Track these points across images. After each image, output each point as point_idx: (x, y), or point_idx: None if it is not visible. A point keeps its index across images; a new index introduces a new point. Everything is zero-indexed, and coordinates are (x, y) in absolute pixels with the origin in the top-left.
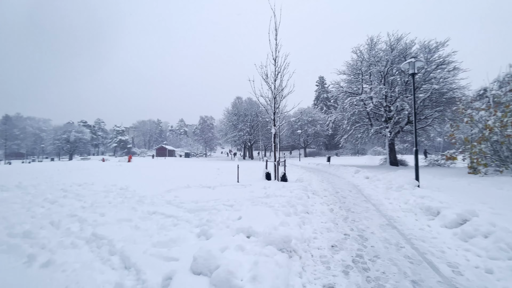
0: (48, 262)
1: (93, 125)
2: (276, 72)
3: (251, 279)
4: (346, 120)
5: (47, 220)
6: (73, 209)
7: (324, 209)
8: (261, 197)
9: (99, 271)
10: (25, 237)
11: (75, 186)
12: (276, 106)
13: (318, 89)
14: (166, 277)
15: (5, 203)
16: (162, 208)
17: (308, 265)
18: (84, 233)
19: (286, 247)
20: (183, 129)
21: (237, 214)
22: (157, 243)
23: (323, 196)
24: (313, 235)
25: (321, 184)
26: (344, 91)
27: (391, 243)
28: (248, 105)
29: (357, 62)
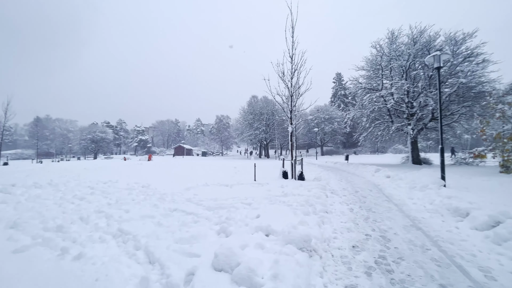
0: (80, 255)
1: (115, 125)
2: (293, 69)
3: (272, 277)
4: (365, 117)
5: (77, 215)
6: (100, 206)
7: (344, 209)
8: (279, 195)
9: (126, 265)
10: (58, 231)
11: (101, 184)
12: (292, 104)
13: (335, 86)
14: (188, 272)
15: (39, 199)
16: (183, 206)
17: (329, 265)
18: (111, 229)
19: (306, 246)
20: (200, 129)
21: (255, 212)
22: (179, 240)
23: (342, 195)
24: (333, 235)
25: (339, 183)
26: (363, 88)
27: (416, 245)
28: (264, 103)
29: (376, 57)
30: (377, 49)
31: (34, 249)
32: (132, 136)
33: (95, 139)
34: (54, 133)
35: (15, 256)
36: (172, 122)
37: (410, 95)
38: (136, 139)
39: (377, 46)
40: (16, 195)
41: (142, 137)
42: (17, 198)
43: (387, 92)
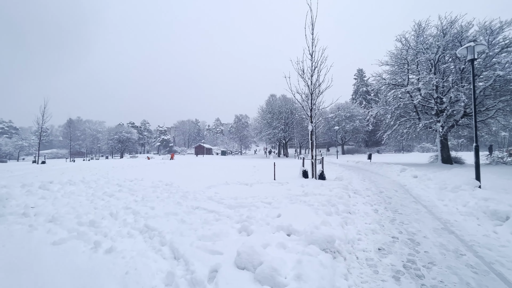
0: (111, 249)
1: (140, 126)
2: (313, 67)
3: (296, 277)
4: (389, 114)
5: (107, 211)
6: (127, 202)
7: (368, 210)
8: (299, 195)
9: (153, 260)
10: (90, 226)
11: (127, 182)
12: (313, 103)
13: (357, 83)
14: (212, 269)
15: (73, 195)
16: (204, 204)
17: (354, 268)
18: (138, 224)
19: (329, 247)
20: (219, 128)
21: (276, 211)
22: (202, 237)
23: (365, 195)
24: (357, 236)
25: (362, 183)
26: (386, 83)
27: (448, 250)
28: (282, 102)
29: (402, 51)
30: (402, 42)
31: (70, 242)
32: (155, 136)
33: (121, 139)
34: (85, 133)
35: (54, 247)
36: (192, 122)
37: (439, 90)
38: (159, 138)
39: (402, 39)
40: (53, 192)
41: (164, 137)
42: (54, 194)
43: (413, 88)
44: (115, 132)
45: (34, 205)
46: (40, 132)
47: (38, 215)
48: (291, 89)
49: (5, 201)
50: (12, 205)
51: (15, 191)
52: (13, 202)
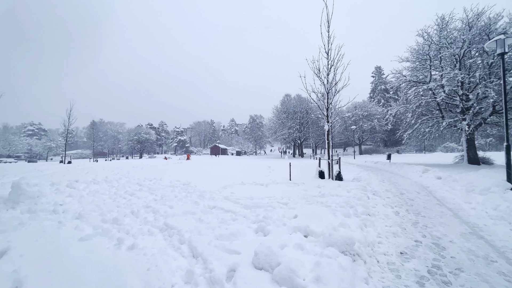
0: (133, 246)
1: (157, 127)
2: (329, 65)
3: (315, 279)
4: (410, 113)
5: (128, 209)
6: (147, 201)
7: (388, 212)
8: (316, 196)
9: (172, 258)
10: (114, 223)
11: (147, 181)
12: (329, 102)
13: (375, 81)
14: (230, 269)
15: (97, 194)
16: (221, 203)
17: (375, 271)
18: (158, 223)
19: (349, 250)
20: (234, 128)
21: (293, 212)
22: (219, 236)
23: (385, 197)
24: (377, 239)
25: (382, 184)
26: (407, 81)
27: (477, 255)
28: (297, 102)
29: (423, 46)
30: (424, 37)
31: (96, 238)
32: (172, 137)
33: (140, 139)
34: (107, 135)
35: (80, 243)
36: (208, 123)
37: (465, 87)
38: (176, 139)
39: (424, 34)
40: (79, 190)
41: (181, 138)
42: (80, 193)
43: (436, 85)
44: (135, 133)
45: (62, 202)
46: (66, 133)
47: (66, 212)
48: (307, 89)
49: (37, 199)
50: (43, 203)
51: (45, 189)
52: (43, 200)
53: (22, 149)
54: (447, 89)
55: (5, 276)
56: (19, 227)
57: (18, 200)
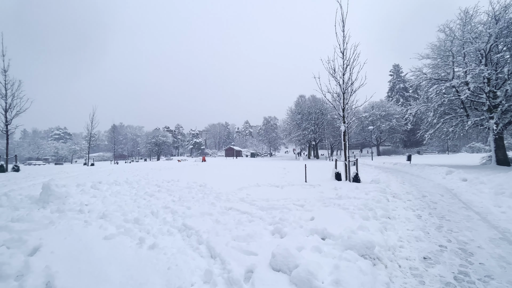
0: (153, 245)
1: (174, 130)
2: (345, 65)
3: (334, 283)
4: (431, 112)
5: (148, 210)
6: (166, 202)
7: (410, 215)
8: (333, 198)
9: (191, 257)
10: (135, 223)
11: (165, 183)
12: (345, 102)
13: (393, 79)
14: (247, 269)
15: (119, 194)
16: (237, 205)
17: (396, 276)
18: (176, 223)
19: (368, 254)
20: (248, 130)
21: (309, 214)
22: (236, 237)
23: (406, 200)
24: (398, 243)
25: (402, 186)
26: (428, 78)
27: (509, 262)
28: (312, 102)
29: (445, 42)
30: (446, 33)
31: (119, 237)
32: (188, 139)
33: (158, 142)
34: (126, 138)
35: (105, 241)
36: (223, 125)
37: (492, 83)
38: (192, 141)
39: (446, 29)
40: (103, 191)
41: (196, 140)
42: (103, 193)
43: (460, 82)
44: (152, 136)
45: (88, 202)
46: (89, 137)
47: (91, 212)
48: (322, 89)
49: (65, 199)
50: (70, 203)
51: (72, 190)
52: (71, 200)
53: (49, 152)
54: (472, 86)
55: (39, 271)
56: (49, 225)
57: (48, 200)
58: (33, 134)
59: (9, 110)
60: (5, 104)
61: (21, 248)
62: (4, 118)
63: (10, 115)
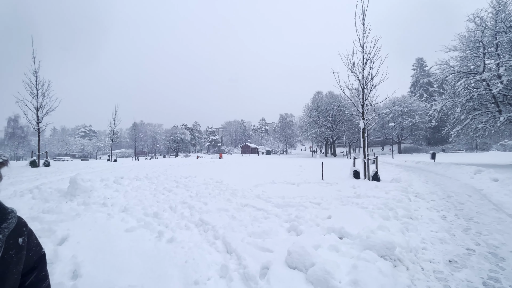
0: (172, 239)
1: (191, 127)
2: (365, 60)
3: (352, 283)
4: (459, 107)
5: (167, 205)
6: (183, 197)
7: (434, 216)
8: (351, 196)
9: (208, 252)
10: (154, 217)
11: (183, 178)
12: (364, 98)
13: (416, 74)
14: (263, 266)
15: (139, 189)
16: (253, 201)
17: (419, 279)
18: (194, 218)
19: (389, 255)
20: (264, 128)
21: (326, 213)
22: (252, 233)
23: (429, 200)
24: (421, 245)
25: (425, 185)
26: (455, 72)
27: None
28: (330, 99)
29: (475, 32)
30: (476, 22)
31: (139, 230)
32: (205, 137)
33: (176, 139)
34: (146, 135)
35: (127, 234)
36: (239, 123)
37: None
38: (208, 139)
39: (476, 19)
40: (124, 186)
41: (213, 137)
42: (124, 188)
43: (491, 75)
44: (171, 134)
45: (111, 196)
46: (112, 134)
47: (114, 205)
48: (340, 85)
49: (90, 193)
50: (95, 196)
51: (96, 184)
52: (95, 194)
53: (76, 149)
54: (505, 79)
55: (67, 260)
56: (76, 217)
57: (75, 193)
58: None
59: (40, 109)
60: (36, 103)
61: (51, 238)
62: (36, 116)
63: (41, 114)
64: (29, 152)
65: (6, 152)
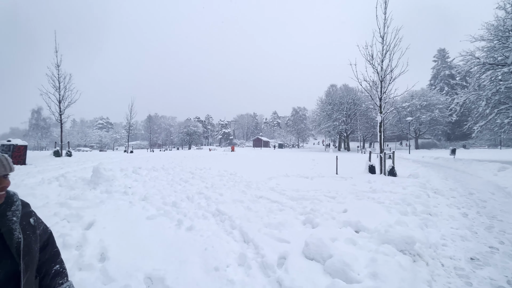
0: (191, 227)
1: (204, 120)
2: (384, 51)
3: (371, 275)
4: (483, 101)
5: (184, 195)
6: (199, 188)
7: (454, 213)
8: (366, 191)
9: (225, 241)
10: (173, 206)
11: (198, 170)
12: (383, 91)
13: (437, 65)
14: (280, 256)
15: (157, 179)
16: (267, 194)
17: (439, 275)
18: (210, 208)
19: (408, 249)
20: (276, 121)
21: (341, 206)
22: (268, 224)
23: (449, 196)
24: (441, 241)
25: (445, 182)
26: (480, 63)
27: None
28: (344, 92)
29: (505, 20)
30: (506, 10)
31: (159, 218)
32: (217, 129)
33: (189, 132)
34: (161, 127)
35: (148, 221)
36: (251, 116)
37: None
38: (220, 132)
39: (506, 6)
40: (142, 176)
41: (225, 130)
42: (143, 178)
43: None
44: (184, 126)
45: (131, 186)
46: (128, 126)
47: (134, 194)
48: (357, 77)
49: (111, 181)
50: (116, 185)
51: (117, 174)
52: (116, 183)
53: (94, 140)
54: None
55: (95, 243)
56: (100, 204)
57: (98, 182)
58: (81, 123)
59: (62, 101)
60: (58, 95)
61: (79, 223)
62: (58, 108)
63: (63, 106)
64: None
65: (30, 142)
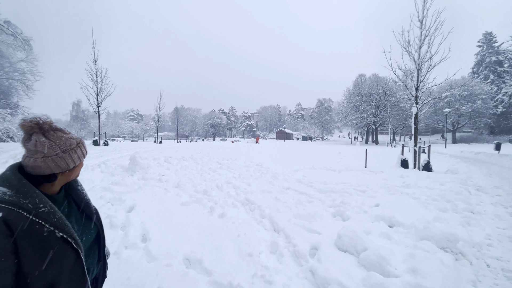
0: (223, 214)
1: (228, 112)
2: (423, 36)
3: (410, 271)
4: None
5: (214, 183)
6: (228, 178)
7: (500, 212)
8: (399, 186)
9: (256, 229)
10: (204, 194)
11: (225, 161)
12: (419, 80)
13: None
14: (312, 246)
15: (187, 169)
16: (294, 185)
17: (484, 276)
18: (239, 197)
19: (450, 247)
20: (300, 113)
21: (373, 200)
22: (297, 215)
23: (494, 194)
24: (486, 241)
25: (488, 179)
26: None
27: None
28: (374, 82)
29: None
30: None
31: (192, 205)
32: (241, 121)
33: (214, 124)
34: (186, 119)
35: (182, 207)
36: (274, 108)
37: None
38: (244, 123)
39: None
40: (174, 165)
41: (248, 122)
42: (174, 167)
43: None
44: (209, 118)
45: (164, 174)
46: (158, 118)
47: (168, 181)
48: (391, 65)
49: (146, 169)
50: (151, 173)
51: (151, 162)
52: (151, 170)
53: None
54: None
55: (137, 225)
56: (138, 190)
57: (135, 169)
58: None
59: (99, 94)
60: (96, 89)
61: (121, 206)
62: (96, 101)
63: (100, 98)
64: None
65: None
